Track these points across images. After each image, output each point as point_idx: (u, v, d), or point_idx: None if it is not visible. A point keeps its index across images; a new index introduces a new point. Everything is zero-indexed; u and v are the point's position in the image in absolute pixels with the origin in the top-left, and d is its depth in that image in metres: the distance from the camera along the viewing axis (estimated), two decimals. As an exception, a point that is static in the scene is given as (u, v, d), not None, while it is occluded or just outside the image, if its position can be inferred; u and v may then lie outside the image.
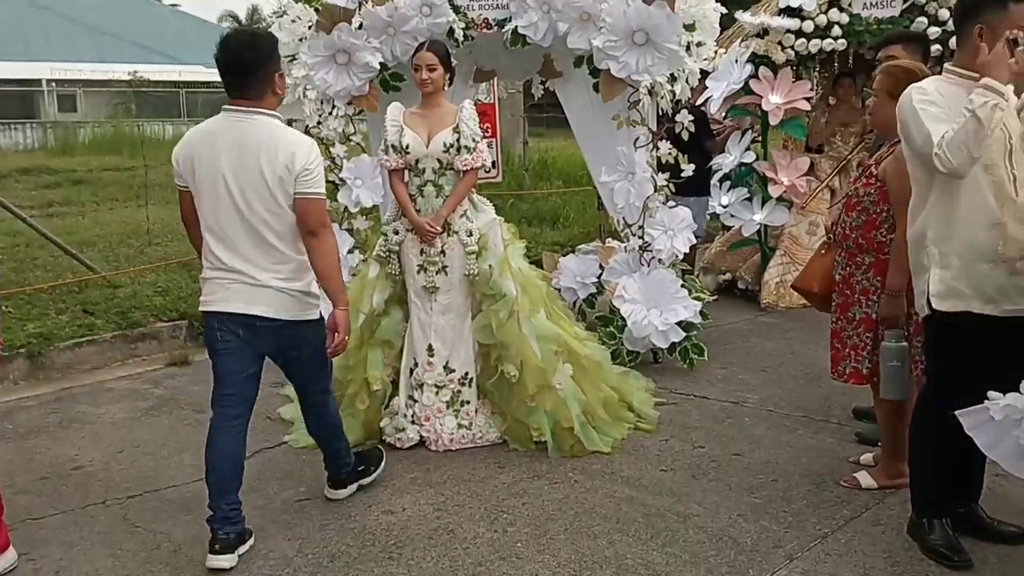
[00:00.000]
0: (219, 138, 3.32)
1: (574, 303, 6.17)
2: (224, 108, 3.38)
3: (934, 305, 3.09)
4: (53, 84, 26.81)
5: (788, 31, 6.71)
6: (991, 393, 2.81)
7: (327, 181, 3.94)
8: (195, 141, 3.38)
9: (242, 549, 3.40)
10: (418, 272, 4.39)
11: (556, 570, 3.24)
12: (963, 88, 2.99)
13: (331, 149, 5.56)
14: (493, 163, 8.72)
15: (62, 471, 4.27)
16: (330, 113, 5.56)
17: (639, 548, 3.38)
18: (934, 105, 2.98)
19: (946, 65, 3.13)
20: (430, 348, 4.41)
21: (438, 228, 4.30)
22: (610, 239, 6.28)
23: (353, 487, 3.91)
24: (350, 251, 5.62)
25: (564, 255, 6.90)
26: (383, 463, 4.09)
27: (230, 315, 3.35)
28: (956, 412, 2.90)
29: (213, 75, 3.59)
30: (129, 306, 6.47)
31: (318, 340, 3.49)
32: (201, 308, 3.45)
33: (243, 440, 3.46)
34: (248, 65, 3.28)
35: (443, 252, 4.35)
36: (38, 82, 26.29)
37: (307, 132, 5.28)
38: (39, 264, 7.66)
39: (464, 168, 4.30)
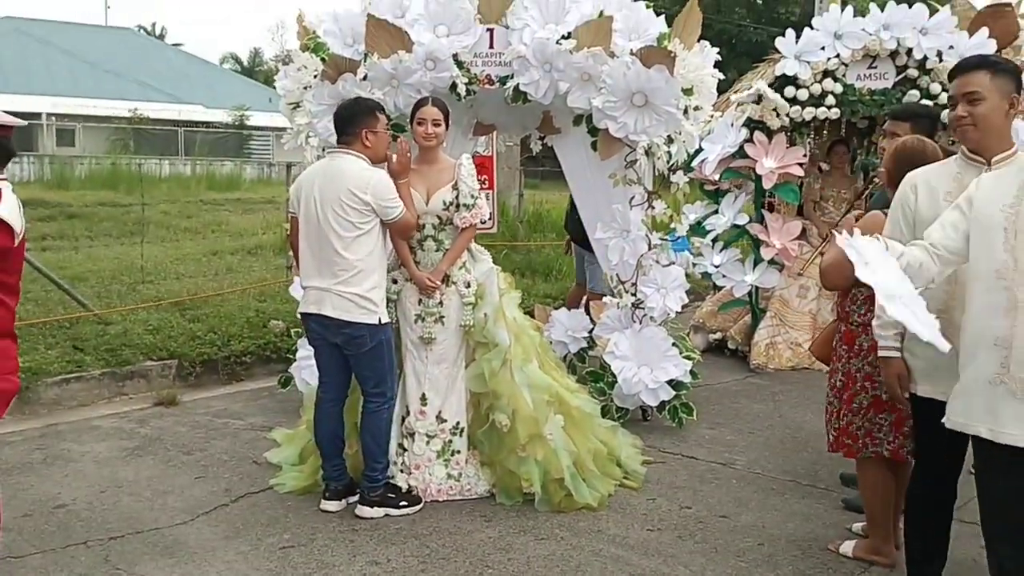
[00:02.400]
0: (318, 171, 4.22)
1: (565, 357, 6.19)
2: (327, 150, 4.60)
3: (910, 388, 3.14)
4: (53, 118, 26.95)
5: (783, 97, 6.83)
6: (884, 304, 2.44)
7: None
8: (304, 175, 4.31)
9: (352, 499, 4.25)
10: (415, 321, 4.40)
11: (540, 628, 3.22)
12: (970, 171, 2.97)
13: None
14: (490, 214, 8.79)
15: (45, 509, 4.24)
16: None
17: (624, 608, 3.36)
18: (907, 212, 3.06)
19: (961, 148, 3.07)
20: (423, 397, 4.41)
21: (438, 283, 4.34)
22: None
23: (380, 512, 4.19)
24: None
25: (556, 308, 6.94)
26: (420, 505, 4.29)
27: (313, 315, 4.12)
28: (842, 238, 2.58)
29: (212, 115, 3.88)
30: (119, 344, 6.44)
31: (372, 342, 4.09)
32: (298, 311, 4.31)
33: (339, 418, 4.29)
34: (344, 119, 4.20)
35: (441, 303, 4.38)
36: (38, 115, 26.43)
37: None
38: (30, 298, 7.60)
39: (463, 225, 4.35)
